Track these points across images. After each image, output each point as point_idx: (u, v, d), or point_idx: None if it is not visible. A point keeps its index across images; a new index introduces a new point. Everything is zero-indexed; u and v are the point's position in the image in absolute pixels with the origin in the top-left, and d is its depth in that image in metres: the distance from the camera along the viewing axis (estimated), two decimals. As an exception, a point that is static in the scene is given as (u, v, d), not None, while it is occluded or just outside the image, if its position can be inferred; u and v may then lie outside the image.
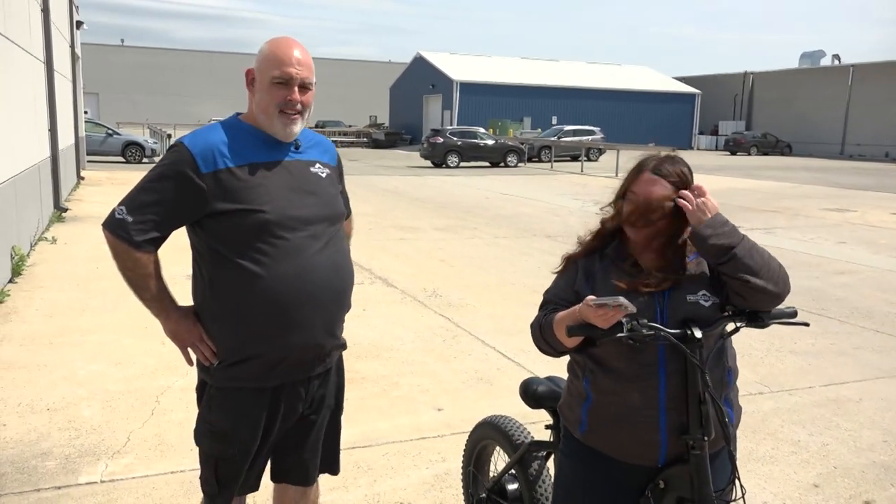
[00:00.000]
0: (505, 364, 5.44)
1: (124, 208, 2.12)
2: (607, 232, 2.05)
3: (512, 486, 2.70)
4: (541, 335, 2.00)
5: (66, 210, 12.52)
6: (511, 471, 2.70)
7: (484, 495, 2.83)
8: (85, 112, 24.63)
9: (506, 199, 17.14)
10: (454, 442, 4.00)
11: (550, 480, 2.53)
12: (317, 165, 2.28)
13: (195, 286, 2.25)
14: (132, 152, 25.09)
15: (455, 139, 29.47)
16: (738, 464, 3.81)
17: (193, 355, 2.26)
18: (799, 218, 14.73)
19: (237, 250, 2.11)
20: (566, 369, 2.17)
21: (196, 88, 75.11)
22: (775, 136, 47.52)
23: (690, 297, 1.91)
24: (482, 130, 32.63)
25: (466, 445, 3.02)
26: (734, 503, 2.01)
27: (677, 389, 1.90)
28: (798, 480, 3.76)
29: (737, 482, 1.95)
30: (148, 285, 2.16)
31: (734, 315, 1.95)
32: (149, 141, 26.57)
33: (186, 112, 70.39)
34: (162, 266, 2.22)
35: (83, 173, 18.89)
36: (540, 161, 33.10)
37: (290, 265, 2.12)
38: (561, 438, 2.20)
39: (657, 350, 1.89)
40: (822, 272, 9.19)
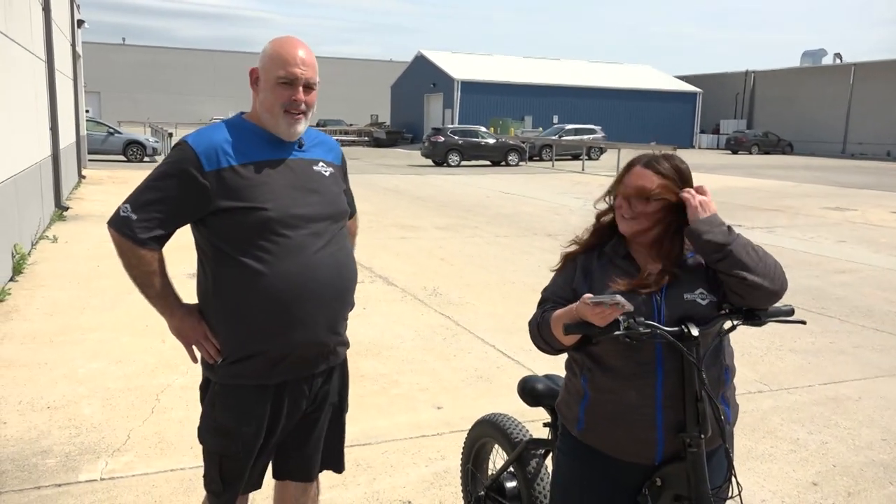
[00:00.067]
0: (505, 362, 5.44)
1: (129, 206, 2.13)
2: (604, 228, 2.07)
3: (510, 484, 2.70)
4: (538, 333, 2.01)
5: (68, 209, 12.54)
6: (509, 469, 2.70)
7: (482, 493, 2.83)
8: (86, 111, 24.65)
9: (507, 198, 17.14)
10: (453, 440, 4.01)
11: (549, 478, 2.53)
12: (320, 164, 2.29)
13: (199, 284, 2.27)
14: (133, 151, 25.11)
15: (456, 138, 29.47)
16: (737, 462, 3.83)
17: (198, 353, 2.27)
18: (799, 217, 14.73)
19: (240, 248, 2.12)
20: (564, 367, 2.18)
21: (198, 87, 75.13)
22: (777, 135, 47.49)
23: (687, 296, 1.92)
24: (483, 129, 32.62)
25: (465, 443, 3.03)
26: (731, 500, 2.01)
27: (674, 387, 1.90)
28: (797, 479, 3.77)
29: (733, 480, 1.95)
30: (153, 283, 2.18)
31: (731, 313, 1.95)
32: (150, 140, 26.59)
33: (188, 111, 70.44)
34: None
35: (84, 172, 18.91)
36: (541, 160, 33.11)
37: (293, 263, 2.13)
38: (559, 436, 2.21)
39: (654, 348, 1.90)
40: (823, 271, 9.19)
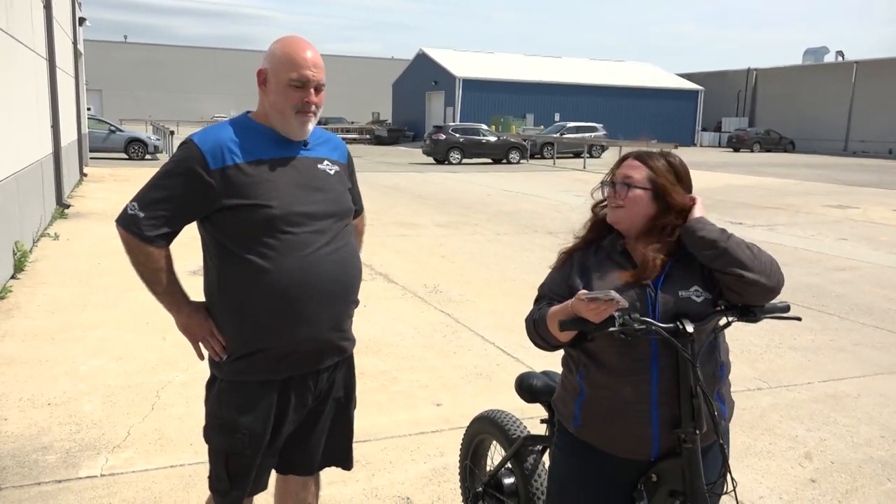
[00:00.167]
0: (504, 360, 5.45)
1: (136, 204, 2.16)
2: (601, 223, 2.09)
3: (508, 481, 2.71)
4: (534, 329, 2.02)
5: (69, 206, 12.56)
6: (507, 465, 2.71)
7: (480, 489, 2.84)
8: (88, 109, 24.68)
9: (507, 196, 17.14)
10: (453, 437, 4.02)
11: (546, 474, 2.55)
12: (325, 163, 2.31)
13: (205, 281, 2.29)
14: (135, 149, 25.14)
15: (457, 136, 29.46)
16: (736, 458, 3.85)
17: (205, 351, 2.29)
18: (800, 215, 14.72)
19: (244, 245, 2.15)
20: (560, 364, 2.19)
21: (199, 85, 75.17)
22: (778, 133, 47.44)
23: (682, 293, 1.93)
24: (484, 127, 32.62)
25: (463, 440, 3.04)
26: (725, 496, 2.02)
27: (669, 384, 1.91)
28: (795, 475, 3.77)
29: (728, 475, 1.96)
30: (160, 280, 2.21)
31: (726, 309, 1.96)
32: (151, 137, 26.63)
33: (189, 109, 70.51)
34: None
35: (86, 170, 18.94)
36: (542, 158, 33.08)
37: (296, 260, 2.15)
38: (555, 433, 2.22)
39: (649, 344, 1.91)
40: (823, 269, 9.19)
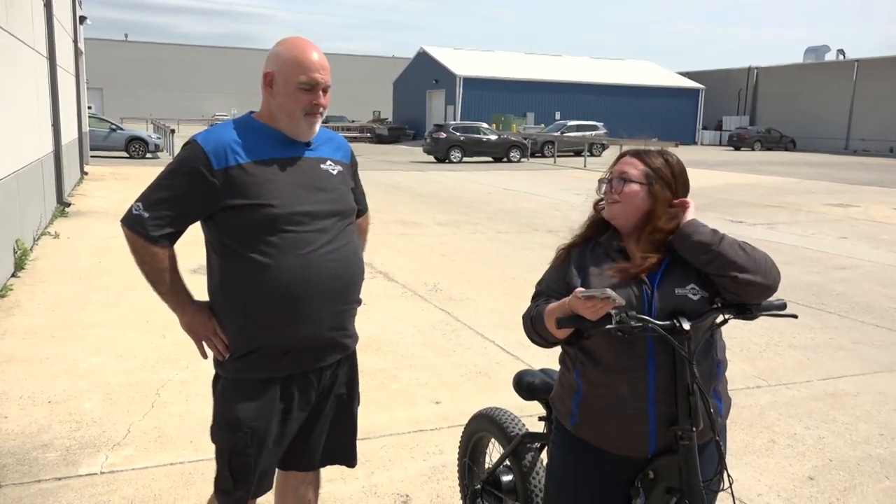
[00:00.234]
0: (504, 358, 5.46)
1: (141, 205, 2.18)
2: (600, 220, 2.10)
3: (506, 478, 2.72)
4: (532, 326, 2.03)
5: (70, 205, 12.57)
6: (505, 462, 2.72)
7: (479, 487, 2.85)
8: (89, 107, 24.69)
9: (508, 195, 17.14)
10: (452, 435, 4.03)
11: (544, 471, 2.55)
12: (328, 162, 2.33)
13: (209, 279, 2.31)
14: (136, 147, 25.15)
15: (458, 134, 29.46)
16: (734, 456, 3.86)
17: (209, 350, 2.31)
18: (801, 213, 14.72)
19: (246, 244, 2.17)
20: (558, 361, 2.19)
21: (200, 84, 75.18)
22: (779, 132, 47.41)
23: (679, 290, 1.93)
24: (485, 126, 32.61)
25: (462, 437, 3.04)
26: (722, 492, 2.03)
27: (666, 381, 1.92)
28: (793, 473, 3.78)
29: (725, 472, 1.97)
30: (164, 279, 2.23)
31: (723, 307, 1.96)
32: (152, 136, 26.61)
33: (190, 107, 70.55)
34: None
35: (86, 168, 18.95)
36: (543, 156, 33.08)
37: (297, 258, 2.17)
38: (553, 430, 2.22)
39: (646, 342, 1.91)
40: (823, 267, 9.20)
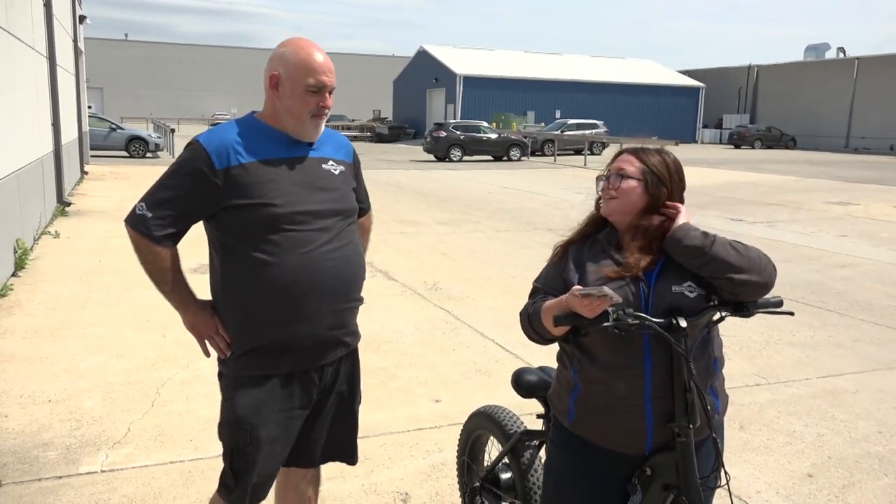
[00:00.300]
0: (503, 356, 5.47)
1: (144, 204, 2.21)
2: (600, 218, 2.12)
3: (505, 476, 2.73)
4: (529, 323, 2.03)
5: (70, 204, 12.58)
6: (504, 460, 2.73)
7: (478, 484, 2.86)
8: (89, 107, 24.70)
9: (508, 193, 17.15)
10: (451, 433, 4.03)
11: (543, 469, 2.56)
12: (330, 162, 2.34)
13: (211, 278, 2.33)
14: (136, 147, 25.16)
15: (458, 133, 29.46)
16: (733, 454, 3.86)
17: (211, 348, 2.33)
18: (801, 211, 14.72)
19: (248, 243, 2.19)
20: (555, 359, 2.20)
21: (200, 83, 75.21)
22: (780, 130, 47.40)
23: (675, 288, 1.94)
24: (485, 124, 32.61)
25: (461, 435, 3.05)
26: (719, 489, 2.03)
27: (663, 378, 1.92)
28: (792, 470, 3.79)
29: (722, 469, 1.97)
30: (167, 278, 2.25)
31: (720, 305, 1.97)
32: (152, 136, 26.62)
33: (190, 107, 70.59)
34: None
35: (87, 168, 18.96)
36: (543, 155, 33.07)
37: (298, 257, 2.19)
38: (551, 427, 2.23)
39: (643, 339, 1.91)
40: (823, 265, 9.20)
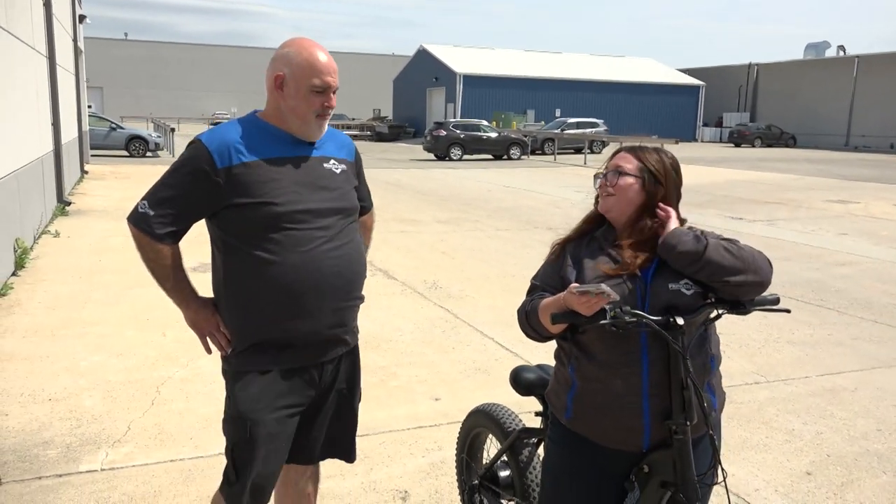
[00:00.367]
0: (503, 354, 5.47)
1: (146, 203, 2.23)
2: (598, 215, 2.13)
3: (503, 473, 2.73)
4: (526, 321, 2.04)
5: (70, 204, 12.59)
6: (502, 457, 2.73)
7: (476, 482, 2.86)
8: (89, 106, 24.71)
9: (508, 192, 17.15)
10: (451, 431, 4.04)
11: (541, 466, 2.56)
12: (331, 161, 2.35)
13: (213, 276, 2.35)
14: (136, 146, 25.19)
15: (458, 132, 29.46)
16: (732, 451, 3.87)
17: (212, 344, 2.35)
18: (801, 209, 14.72)
19: (249, 241, 2.20)
20: (553, 356, 2.21)
21: (200, 82, 75.19)
22: (780, 128, 47.39)
23: (672, 285, 1.94)
24: (485, 123, 32.60)
25: (459, 433, 3.06)
26: (716, 486, 2.04)
27: (660, 376, 1.93)
28: (790, 468, 3.79)
29: (719, 466, 1.98)
30: (169, 275, 2.28)
31: (716, 302, 1.97)
32: (152, 135, 26.64)
33: (190, 106, 70.57)
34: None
35: (87, 167, 18.97)
36: (543, 153, 33.08)
37: (299, 255, 2.20)
38: (549, 425, 2.24)
39: (640, 337, 1.92)
40: (823, 263, 9.20)
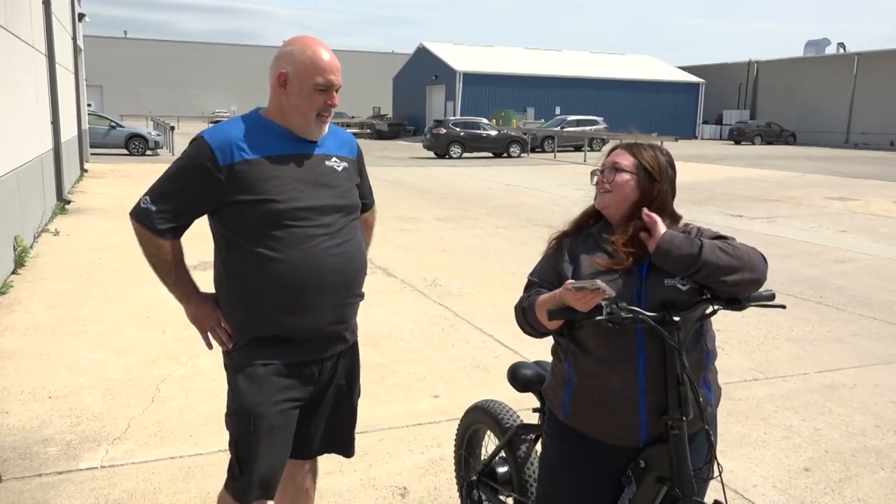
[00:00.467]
0: (502, 352, 5.48)
1: (149, 198, 2.24)
2: (593, 209, 2.14)
3: (502, 469, 2.74)
4: (523, 317, 2.04)
5: (70, 202, 12.60)
6: (500, 454, 2.74)
7: (475, 478, 2.87)
8: (89, 105, 24.71)
9: (508, 190, 17.16)
10: (450, 428, 4.04)
11: (539, 462, 2.57)
12: (333, 159, 2.36)
13: (214, 272, 2.37)
14: (135, 144, 25.20)
15: (458, 130, 29.48)
16: (730, 448, 3.88)
17: (213, 340, 2.37)
18: (801, 207, 14.72)
19: (250, 238, 2.22)
20: (550, 353, 2.22)
21: (200, 81, 75.14)
22: (780, 125, 47.37)
23: (668, 281, 1.95)
24: (485, 121, 32.61)
25: (458, 430, 3.07)
26: (712, 481, 2.05)
27: (656, 371, 1.94)
28: (789, 464, 3.80)
29: (714, 461, 1.99)
30: (170, 271, 2.29)
31: (712, 298, 1.98)
32: (152, 133, 26.65)
33: (190, 104, 70.52)
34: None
35: (86, 165, 18.98)
36: (543, 151, 33.09)
37: (299, 252, 2.22)
38: (546, 421, 2.25)
39: (636, 333, 1.93)
40: (822, 260, 9.21)
